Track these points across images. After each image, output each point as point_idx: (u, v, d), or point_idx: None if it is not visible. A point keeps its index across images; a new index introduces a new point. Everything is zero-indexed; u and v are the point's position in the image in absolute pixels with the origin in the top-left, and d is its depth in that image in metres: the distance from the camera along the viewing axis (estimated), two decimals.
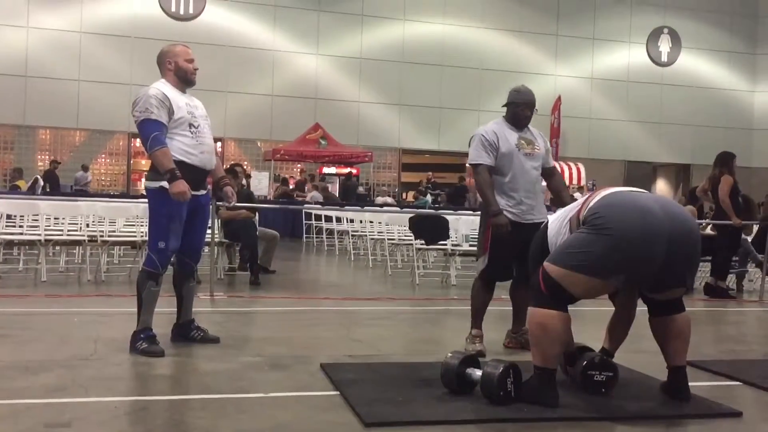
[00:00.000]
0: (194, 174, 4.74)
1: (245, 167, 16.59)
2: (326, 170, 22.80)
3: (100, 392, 3.80)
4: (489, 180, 5.01)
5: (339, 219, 14.30)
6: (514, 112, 5.13)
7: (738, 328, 7.37)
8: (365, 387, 3.95)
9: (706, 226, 9.83)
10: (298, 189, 20.73)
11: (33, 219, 9.40)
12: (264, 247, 9.22)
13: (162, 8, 22.07)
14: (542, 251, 4.03)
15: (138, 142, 18.94)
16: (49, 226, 9.21)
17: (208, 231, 6.37)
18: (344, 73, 23.63)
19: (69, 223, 9.39)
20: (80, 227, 9.19)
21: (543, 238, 4.12)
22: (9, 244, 9.09)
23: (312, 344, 5.25)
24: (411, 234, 9.64)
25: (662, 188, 28.17)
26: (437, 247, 9.35)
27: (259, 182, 19.89)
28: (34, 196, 13.04)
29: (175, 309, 5.05)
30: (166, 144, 4.62)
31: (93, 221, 8.93)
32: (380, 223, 11.67)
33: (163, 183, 4.61)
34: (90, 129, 21.94)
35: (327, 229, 14.65)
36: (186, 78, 4.86)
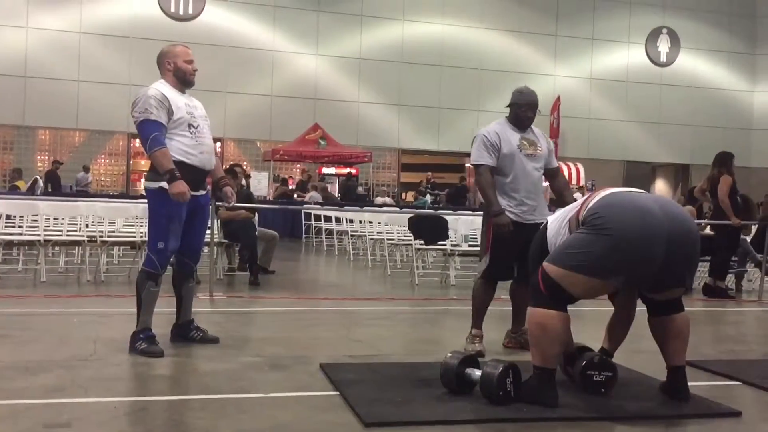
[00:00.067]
0: (194, 174, 4.74)
1: (245, 167, 16.60)
2: (326, 170, 22.81)
3: (100, 392, 3.80)
4: (490, 180, 5.02)
5: (338, 219, 14.30)
6: (517, 113, 5.15)
7: (737, 328, 7.38)
8: (365, 387, 3.95)
9: (705, 227, 9.83)
10: (300, 189, 20.75)
11: (32, 219, 9.40)
12: (263, 248, 9.23)
13: (161, 8, 22.06)
14: (542, 251, 4.04)
15: (137, 143, 18.90)
16: (49, 227, 9.20)
17: (208, 231, 6.37)
18: (343, 74, 23.63)
19: (68, 224, 9.39)
20: (80, 227, 9.19)
21: (542, 239, 4.13)
22: (8, 245, 9.08)
23: (311, 344, 5.25)
24: (410, 234, 9.65)
25: (661, 188, 28.18)
26: (436, 248, 9.35)
27: (259, 182, 19.87)
28: (34, 197, 13.04)
29: (175, 309, 5.05)
30: (166, 144, 4.62)
31: (92, 221, 8.94)
32: (379, 224, 11.68)
33: (163, 183, 4.62)
34: (89, 129, 21.93)
35: (326, 230, 14.66)
36: (185, 79, 4.86)
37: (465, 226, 9.55)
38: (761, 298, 9.01)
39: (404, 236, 10.67)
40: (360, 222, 12.86)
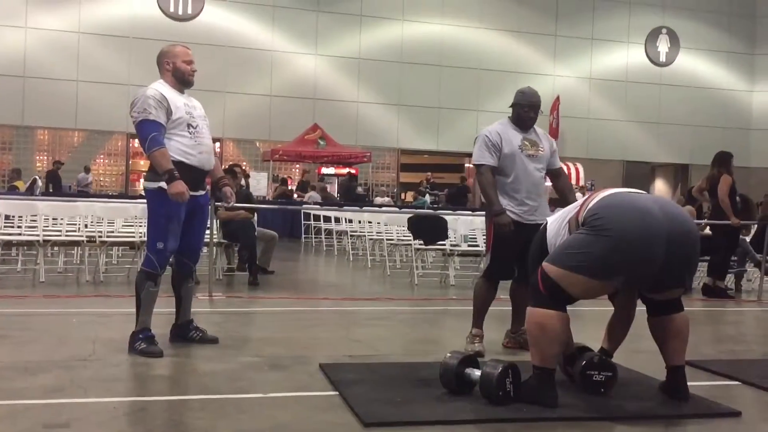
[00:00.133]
0: (193, 174, 4.74)
1: (244, 167, 16.62)
2: (325, 171, 22.80)
3: (99, 393, 3.80)
4: (492, 180, 5.03)
5: (338, 219, 14.30)
6: (519, 114, 5.15)
7: (737, 328, 7.38)
8: (364, 387, 3.95)
9: (705, 227, 9.83)
10: (300, 189, 20.75)
11: (31, 219, 9.39)
12: (263, 248, 9.22)
13: (160, 8, 22.04)
14: (541, 252, 4.04)
15: (136, 143, 18.97)
16: (48, 227, 9.19)
17: (207, 231, 6.36)
18: (343, 74, 23.63)
19: (67, 224, 9.38)
20: (79, 228, 9.19)
21: (542, 239, 4.13)
22: (7, 245, 9.08)
23: (311, 344, 5.25)
24: (410, 234, 9.65)
25: (661, 188, 28.19)
26: (436, 248, 9.35)
27: (258, 183, 19.88)
28: (33, 197, 13.03)
29: (174, 309, 5.04)
30: (165, 144, 4.62)
31: (91, 222, 8.93)
32: (379, 224, 11.67)
33: (162, 183, 4.61)
34: (88, 129, 21.92)
35: (326, 230, 14.65)
36: (183, 79, 4.86)
37: (464, 226, 9.55)
38: (761, 298, 9.01)
39: (404, 236, 10.67)
40: (359, 222, 12.86)
